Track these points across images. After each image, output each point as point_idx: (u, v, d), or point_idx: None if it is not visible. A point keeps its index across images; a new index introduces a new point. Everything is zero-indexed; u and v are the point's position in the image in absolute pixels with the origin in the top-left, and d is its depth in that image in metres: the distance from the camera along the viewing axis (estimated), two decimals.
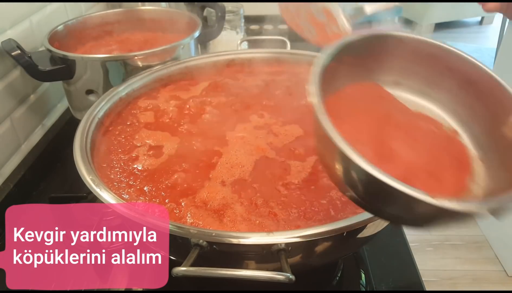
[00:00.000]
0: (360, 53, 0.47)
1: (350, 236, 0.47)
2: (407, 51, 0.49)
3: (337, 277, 0.62)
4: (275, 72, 0.83)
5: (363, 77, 0.49)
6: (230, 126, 0.68)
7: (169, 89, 0.79)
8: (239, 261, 0.47)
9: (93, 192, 0.48)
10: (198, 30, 0.90)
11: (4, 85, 0.80)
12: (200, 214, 0.50)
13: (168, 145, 0.63)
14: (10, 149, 0.83)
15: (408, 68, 0.50)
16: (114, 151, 0.62)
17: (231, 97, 0.75)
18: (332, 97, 0.44)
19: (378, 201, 0.38)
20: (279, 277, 0.38)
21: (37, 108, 0.92)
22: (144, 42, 1.01)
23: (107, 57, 0.85)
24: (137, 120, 0.70)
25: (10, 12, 0.82)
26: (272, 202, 0.52)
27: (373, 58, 0.49)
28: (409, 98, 0.51)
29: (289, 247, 0.41)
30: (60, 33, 0.92)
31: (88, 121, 0.62)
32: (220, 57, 0.85)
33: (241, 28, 1.26)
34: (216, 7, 1.05)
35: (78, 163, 0.52)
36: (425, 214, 0.35)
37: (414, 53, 0.49)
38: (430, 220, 0.38)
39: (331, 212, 0.50)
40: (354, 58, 0.46)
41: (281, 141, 0.64)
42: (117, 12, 1.04)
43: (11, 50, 0.76)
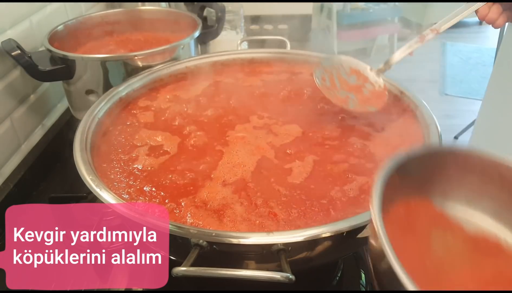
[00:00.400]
0: (412, 169, 0.47)
1: (350, 236, 0.47)
2: (457, 163, 0.49)
3: (337, 277, 0.62)
4: (275, 72, 0.83)
5: (413, 190, 0.49)
6: (230, 127, 0.68)
7: (169, 89, 0.79)
8: (239, 261, 0.47)
9: (93, 192, 0.48)
10: (198, 30, 0.90)
11: (4, 85, 0.80)
12: (200, 214, 0.50)
13: (168, 145, 0.63)
14: (10, 149, 0.83)
15: (458, 179, 0.50)
16: (114, 151, 0.62)
17: (231, 98, 0.75)
18: (387, 214, 0.43)
19: None
20: (279, 277, 0.38)
21: (37, 108, 0.92)
22: (144, 42, 1.01)
23: (107, 57, 0.85)
24: (137, 120, 0.70)
25: (10, 12, 0.82)
26: (272, 202, 0.52)
27: (425, 172, 0.49)
28: (459, 208, 0.50)
29: (289, 247, 0.41)
30: (60, 33, 0.92)
31: (88, 122, 0.62)
32: (220, 57, 0.85)
33: (241, 28, 1.26)
34: (216, 7, 1.05)
35: (78, 163, 0.52)
36: None
37: (464, 165, 0.49)
38: None
39: (331, 212, 0.50)
40: (408, 173, 0.46)
41: (281, 140, 0.64)
42: (117, 12, 1.04)
43: (11, 50, 0.76)
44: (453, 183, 0.50)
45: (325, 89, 0.68)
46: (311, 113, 0.70)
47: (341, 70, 0.71)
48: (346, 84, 0.70)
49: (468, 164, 0.49)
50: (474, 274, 0.43)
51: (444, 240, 0.47)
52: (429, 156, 0.49)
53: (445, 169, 0.49)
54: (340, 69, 0.71)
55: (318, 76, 0.70)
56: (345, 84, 0.70)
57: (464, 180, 0.50)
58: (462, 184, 0.50)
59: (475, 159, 0.49)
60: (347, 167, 0.57)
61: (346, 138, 0.64)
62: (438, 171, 0.49)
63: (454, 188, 0.50)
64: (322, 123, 0.67)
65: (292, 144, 0.63)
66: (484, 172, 0.49)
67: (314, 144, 0.63)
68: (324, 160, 0.59)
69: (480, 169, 0.49)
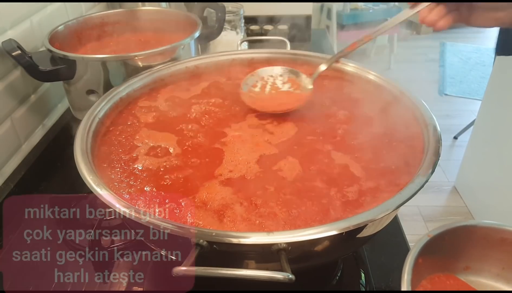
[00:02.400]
0: (437, 247, 0.51)
1: (350, 236, 0.47)
2: (478, 237, 0.52)
3: (337, 277, 0.62)
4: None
5: (438, 267, 0.52)
6: (231, 127, 0.68)
7: (169, 89, 0.79)
8: (239, 260, 0.47)
9: (94, 192, 0.48)
10: (198, 30, 0.90)
11: (5, 86, 0.80)
12: (200, 214, 0.50)
13: (168, 145, 0.63)
14: (10, 149, 0.83)
15: (480, 253, 0.53)
16: (115, 151, 0.62)
17: (231, 98, 0.76)
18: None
19: None
20: (279, 276, 0.38)
21: (38, 109, 0.92)
22: (144, 43, 1.01)
23: (108, 57, 0.85)
24: (137, 121, 0.70)
25: (11, 12, 0.83)
26: (272, 202, 0.52)
27: (447, 248, 0.52)
28: (483, 282, 0.53)
29: (289, 246, 0.41)
30: (61, 33, 0.92)
31: (88, 122, 0.62)
32: (220, 57, 0.85)
33: (241, 29, 1.26)
34: (216, 7, 1.05)
35: (78, 163, 0.53)
36: None
37: (485, 239, 0.52)
38: None
39: (331, 212, 0.50)
40: (433, 252, 0.50)
41: (278, 138, 0.64)
42: (117, 12, 1.04)
43: (11, 50, 0.76)
44: (476, 257, 0.53)
45: (247, 97, 0.73)
46: (310, 113, 0.70)
47: (278, 79, 0.77)
48: (276, 90, 0.76)
49: (490, 238, 0.52)
50: None
51: None
52: (451, 233, 0.51)
53: (468, 245, 0.52)
54: (278, 78, 0.77)
55: (248, 83, 0.75)
56: (275, 90, 0.76)
57: (486, 254, 0.53)
58: (484, 257, 0.53)
59: (497, 232, 0.52)
60: (347, 167, 0.58)
61: (347, 138, 0.64)
62: (461, 248, 0.52)
63: (477, 262, 0.53)
64: (322, 124, 0.68)
65: (288, 143, 0.63)
66: (486, 238, 0.52)
67: (312, 144, 0.63)
68: (324, 159, 0.59)
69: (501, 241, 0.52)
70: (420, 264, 0.48)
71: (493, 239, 0.52)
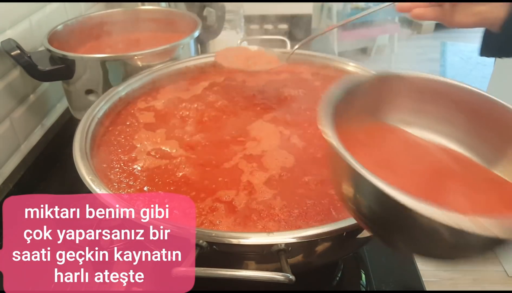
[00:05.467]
0: (366, 94, 0.47)
1: (350, 236, 0.47)
2: (412, 89, 0.49)
3: (337, 277, 0.62)
4: (275, 72, 0.83)
5: (370, 118, 0.49)
6: (230, 127, 0.68)
7: (169, 89, 0.79)
8: (239, 261, 0.47)
9: (93, 192, 0.48)
10: (198, 30, 0.90)
11: (4, 85, 0.80)
12: (200, 214, 0.50)
13: (167, 145, 0.63)
14: (9, 149, 0.82)
15: (415, 106, 0.50)
16: (114, 151, 0.62)
17: (231, 97, 0.75)
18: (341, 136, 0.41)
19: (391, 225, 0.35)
20: (279, 277, 0.38)
21: (37, 108, 0.92)
22: (144, 42, 1.01)
23: (107, 57, 0.84)
24: (136, 121, 0.70)
25: (10, 12, 0.82)
26: (272, 201, 0.52)
27: (379, 99, 0.49)
28: (419, 134, 0.51)
29: (289, 247, 0.41)
30: (60, 33, 0.92)
31: (87, 122, 0.62)
32: None
33: (241, 28, 1.25)
34: (216, 7, 1.05)
35: (77, 163, 0.52)
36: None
37: (419, 91, 0.49)
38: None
39: (332, 212, 0.50)
40: (360, 99, 0.46)
41: (281, 136, 0.64)
42: (117, 12, 1.04)
43: (10, 50, 0.76)
44: (399, 104, 0.50)
45: (221, 56, 0.77)
46: (310, 113, 0.70)
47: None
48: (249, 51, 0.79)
49: (406, 86, 0.48)
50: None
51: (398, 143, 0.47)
52: (378, 81, 0.48)
53: (396, 95, 0.49)
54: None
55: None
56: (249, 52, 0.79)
57: (406, 102, 0.50)
58: (401, 105, 0.50)
59: (413, 80, 0.48)
60: None
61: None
62: (389, 98, 0.49)
63: (405, 112, 0.50)
64: None
65: (292, 143, 0.63)
66: (420, 90, 0.49)
67: (310, 144, 0.63)
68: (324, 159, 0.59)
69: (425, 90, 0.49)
70: (343, 108, 0.43)
71: (426, 90, 0.49)
